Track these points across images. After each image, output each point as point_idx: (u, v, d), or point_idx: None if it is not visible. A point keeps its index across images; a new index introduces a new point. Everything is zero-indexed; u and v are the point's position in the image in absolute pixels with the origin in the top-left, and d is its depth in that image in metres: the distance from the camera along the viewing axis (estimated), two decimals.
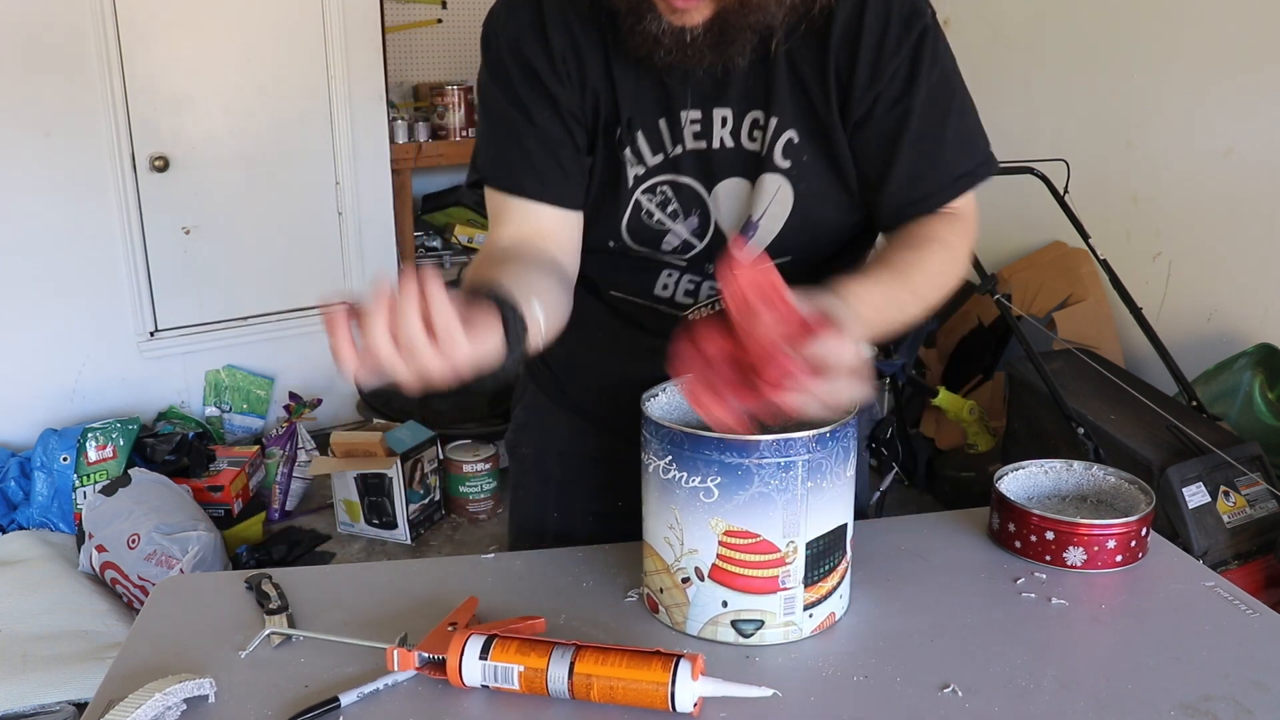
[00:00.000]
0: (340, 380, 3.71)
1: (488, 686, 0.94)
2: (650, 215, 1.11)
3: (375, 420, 3.35)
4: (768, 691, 0.92)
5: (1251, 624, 1.06)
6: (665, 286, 1.18)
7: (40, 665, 2.15)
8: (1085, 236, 2.46)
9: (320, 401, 3.48)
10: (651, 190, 1.10)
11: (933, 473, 3.10)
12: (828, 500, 0.97)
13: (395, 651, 0.96)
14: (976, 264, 2.39)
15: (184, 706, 0.93)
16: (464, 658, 0.94)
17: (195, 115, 3.35)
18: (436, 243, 4.28)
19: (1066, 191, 2.46)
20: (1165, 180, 2.95)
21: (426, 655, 0.96)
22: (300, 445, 3.23)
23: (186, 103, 3.33)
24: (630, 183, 1.10)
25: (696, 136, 1.08)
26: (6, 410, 3.16)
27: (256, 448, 3.20)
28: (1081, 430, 2.19)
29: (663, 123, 1.08)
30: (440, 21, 4.40)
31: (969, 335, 3.34)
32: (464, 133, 3.99)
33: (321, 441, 3.30)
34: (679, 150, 1.09)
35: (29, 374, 3.18)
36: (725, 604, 0.99)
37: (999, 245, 3.42)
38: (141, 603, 1.95)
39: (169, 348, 3.43)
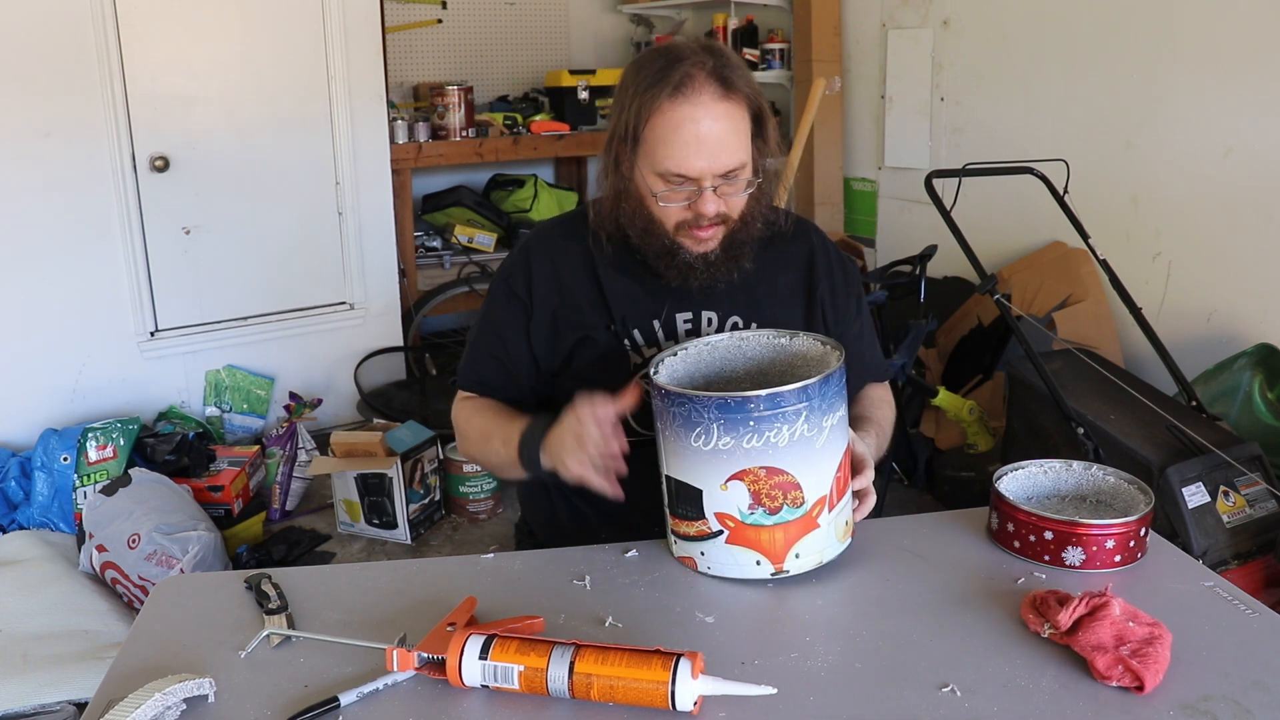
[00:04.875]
0: (340, 379, 3.71)
1: (487, 686, 0.94)
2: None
3: (375, 420, 3.35)
4: (768, 690, 0.92)
5: (1251, 624, 1.06)
6: None
7: (40, 665, 2.15)
8: (1085, 236, 2.46)
9: (320, 401, 3.48)
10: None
11: (932, 473, 3.10)
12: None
13: (395, 651, 0.96)
14: (976, 264, 2.39)
15: (184, 706, 0.93)
16: (464, 658, 0.94)
17: (195, 115, 3.35)
18: (436, 243, 4.28)
19: (1066, 191, 2.46)
20: (1165, 180, 2.95)
21: (426, 655, 0.96)
22: (300, 445, 3.22)
23: (186, 103, 3.32)
24: (632, 369, 1.36)
25: (689, 334, 1.40)
26: (7, 410, 3.16)
27: (256, 448, 3.20)
28: (1081, 430, 2.18)
29: (656, 323, 1.37)
30: (440, 21, 4.41)
31: (969, 335, 3.34)
32: (464, 132, 3.98)
33: (321, 441, 3.30)
34: (672, 344, 1.35)
35: (29, 374, 3.17)
36: None
37: (999, 245, 3.42)
38: (141, 603, 1.94)
39: (169, 348, 3.43)
